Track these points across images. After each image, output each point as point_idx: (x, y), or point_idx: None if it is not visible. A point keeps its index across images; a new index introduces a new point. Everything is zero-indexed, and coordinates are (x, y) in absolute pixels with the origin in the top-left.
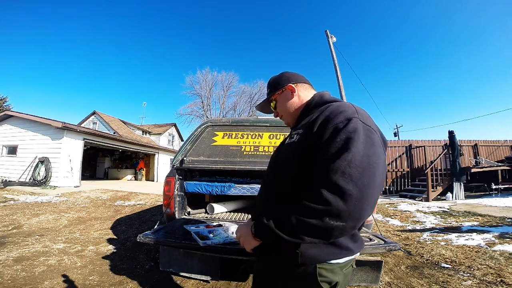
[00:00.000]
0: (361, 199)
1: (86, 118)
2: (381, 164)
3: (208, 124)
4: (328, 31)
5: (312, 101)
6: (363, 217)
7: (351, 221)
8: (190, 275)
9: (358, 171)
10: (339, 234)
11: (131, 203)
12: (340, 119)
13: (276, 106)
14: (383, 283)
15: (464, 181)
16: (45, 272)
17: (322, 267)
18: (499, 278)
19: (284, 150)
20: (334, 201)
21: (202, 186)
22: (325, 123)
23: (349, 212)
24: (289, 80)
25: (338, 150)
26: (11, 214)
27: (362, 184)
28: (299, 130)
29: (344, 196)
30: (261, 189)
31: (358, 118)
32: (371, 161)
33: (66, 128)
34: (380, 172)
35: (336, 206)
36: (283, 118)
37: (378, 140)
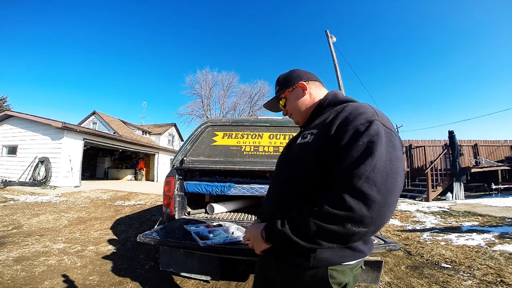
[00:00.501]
0: (384, 205)
1: (86, 118)
2: (402, 168)
3: (208, 124)
4: (328, 31)
5: (325, 100)
6: (384, 223)
7: (373, 226)
8: (190, 275)
9: (382, 177)
10: (359, 239)
11: (131, 203)
12: (361, 121)
13: (286, 104)
14: (383, 283)
15: (464, 181)
16: (45, 272)
17: (333, 268)
18: (499, 278)
19: (296, 150)
20: (357, 207)
21: (202, 186)
22: (344, 124)
23: (372, 218)
24: (300, 78)
25: (361, 154)
26: (11, 214)
27: (385, 189)
28: (313, 130)
29: (368, 202)
30: (269, 189)
31: (379, 121)
32: (393, 166)
33: (66, 128)
34: (401, 177)
35: (360, 213)
36: (293, 116)
37: (399, 144)
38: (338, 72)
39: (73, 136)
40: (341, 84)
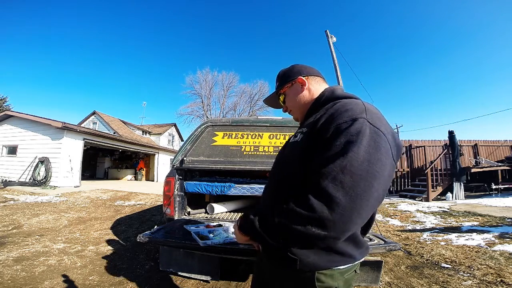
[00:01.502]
0: (350, 209)
1: (86, 118)
2: (384, 173)
3: (208, 124)
4: (328, 31)
5: (322, 97)
6: (349, 230)
7: (334, 231)
8: (190, 275)
9: (352, 179)
10: (321, 243)
11: (131, 203)
12: (344, 119)
13: (285, 100)
14: (383, 283)
15: (464, 181)
16: (45, 272)
17: (321, 272)
18: (499, 278)
19: (288, 150)
20: (319, 208)
21: (202, 186)
22: (327, 122)
23: (334, 222)
24: (300, 73)
25: (334, 154)
26: (11, 214)
27: (354, 193)
28: (304, 129)
29: (330, 204)
30: (265, 189)
31: (365, 119)
32: (371, 169)
33: (66, 128)
34: (381, 182)
35: (320, 214)
36: (292, 113)
37: (386, 146)
38: (338, 72)
39: (73, 136)
40: (341, 84)
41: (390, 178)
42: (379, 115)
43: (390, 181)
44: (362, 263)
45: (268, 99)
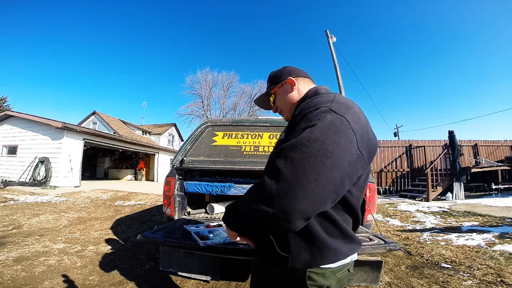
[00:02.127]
0: (295, 185)
1: (86, 118)
2: (341, 156)
3: (208, 124)
4: (328, 31)
5: (306, 96)
6: (295, 208)
7: (281, 210)
8: (190, 275)
9: (302, 156)
10: (273, 225)
11: (131, 203)
12: (310, 108)
13: (275, 101)
14: (383, 283)
15: (464, 181)
16: (45, 272)
17: (312, 271)
18: (499, 278)
19: (274, 148)
20: (268, 183)
21: (202, 186)
22: (297, 114)
23: (279, 195)
24: (290, 74)
25: (294, 136)
26: (11, 214)
27: (302, 169)
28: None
29: (278, 178)
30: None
31: (327, 107)
32: (323, 148)
33: (66, 128)
34: (337, 164)
35: (269, 188)
36: (282, 113)
37: (348, 132)
38: (338, 72)
39: (73, 136)
40: (341, 84)
41: (352, 166)
42: (348, 106)
43: (355, 170)
44: (362, 263)
45: (258, 100)
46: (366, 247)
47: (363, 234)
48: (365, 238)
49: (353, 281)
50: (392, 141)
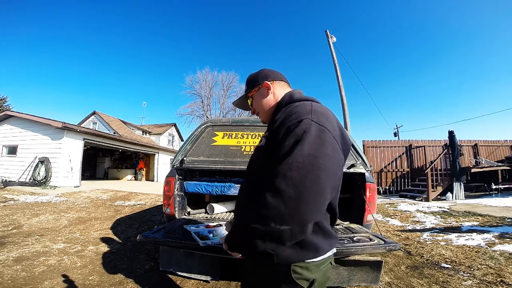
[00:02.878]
0: (301, 202)
1: (86, 118)
2: (331, 166)
3: (208, 124)
4: (328, 31)
5: (282, 101)
6: (307, 220)
7: (296, 224)
8: (190, 275)
9: (299, 173)
10: (290, 238)
11: (131, 203)
12: (292, 121)
13: (252, 103)
14: (383, 283)
15: (464, 181)
16: (45, 272)
17: (297, 265)
18: (499, 278)
19: (255, 154)
20: (274, 204)
21: (202, 186)
22: (279, 126)
23: (291, 214)
24: (266, 77)
25: (284, 153)
26: (11, 214)
27: (304, 186)
28: (266, 133)
29: (284, 198)
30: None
31: (309, 119)
32: (316, 163)
33: (66, 128)
34: (329, 174)
35: (278, 209)
36: (260, 116)
37: (333, 141)
38: (338, 72)
39: (73, 136)
40: (341, 84)
41: (339, 170)
42: (326, 115)
43: (340, 172)
44: (362, 263)
45: (237, 102)
46: (366, 247)
47: (363, 234)
48: (365, 238)
49: (353, 281)
50: (392, 141)
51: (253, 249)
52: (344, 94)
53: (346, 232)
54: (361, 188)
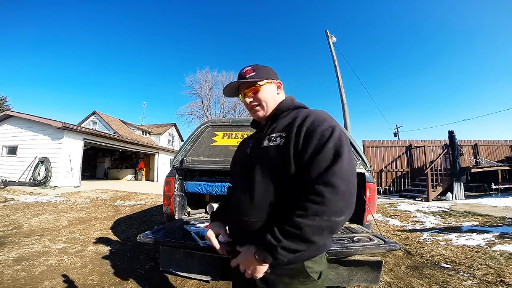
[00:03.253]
0: (351, 195)
1: (86, 118)
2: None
3: (208, 124)
4: (328, 31)
5: (285, 103)
6: (353, 210)
7: (348, 214)
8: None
9: (348, 173)
10: (339, 228)
11: (131, 203)
12: (325, 126)
13: (258, 94)
14: (383, 283)
15: (464, 181)
16: (45, 272)
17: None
18: (499, 278)
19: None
20: (335, 200)
21: (202, 186)
22: (312, 130)
23: (346, 206)
24: (277, 76)
25: (332, 156)
26: (11, 214)
27: (351, 183)
28: (281, 133)
29: (340, 194)
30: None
31: (338, 126)
32: (351, 163)
33: (66, 128)
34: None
35: (338, 204)
36: (258, 108)
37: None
38: (338, 72)
39: (73, 136)
40: (341, 84)
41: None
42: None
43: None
44: (362, 263)
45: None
46: (366, 247)
47: (363, 234)
48: (365, 238)
49: (353, 281)
50: (392, 141)
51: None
52: (344, 94)
53: (346, 232)
54: (361, 188)
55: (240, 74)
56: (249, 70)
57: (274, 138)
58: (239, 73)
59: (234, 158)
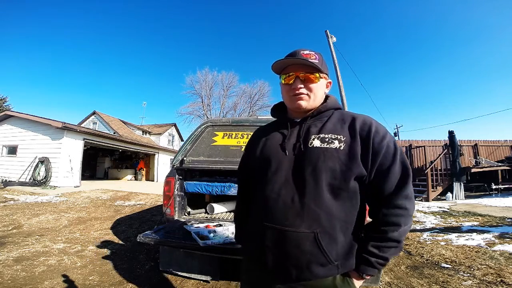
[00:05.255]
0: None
1: (86, 118)
2: None
3: (208, 124)
4: (328, 31)
5: (331, 102)
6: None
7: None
8: (190, 275)
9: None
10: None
11: (131, 203)
12: (389, 137)
13: (313, 85)
14: (383, 283)
15: (464, 181)
16: (45, 272)
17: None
18: (499, 278)
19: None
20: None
21: (202, 186)
22: (379, 138)
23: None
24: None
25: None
26: (11, 214)
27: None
28: (339, 136)
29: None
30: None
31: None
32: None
33: (66, 128)
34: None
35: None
36: (308, 98)
37: None
38: (338, 72)
39: (73, 136)
40: (341, 84)
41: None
42: None
43: None
44: None
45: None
46: None
47: None
48: None
49: None
50: None
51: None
52: (344, 94)
53: None
54: None
55: (300, 54)
56: (313, 55)
57: (329, 140)
58: (298, 52)
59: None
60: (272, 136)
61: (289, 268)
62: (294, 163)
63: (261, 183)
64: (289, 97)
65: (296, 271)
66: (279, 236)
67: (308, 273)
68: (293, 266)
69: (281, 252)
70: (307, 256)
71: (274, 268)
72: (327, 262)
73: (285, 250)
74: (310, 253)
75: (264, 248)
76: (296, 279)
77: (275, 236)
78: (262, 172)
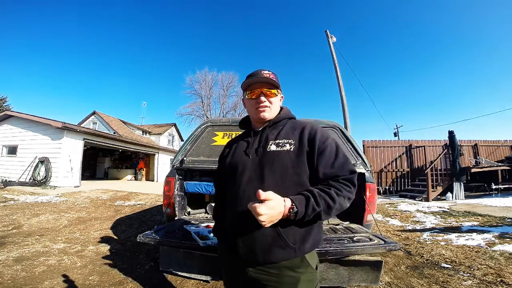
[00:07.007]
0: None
1: (86, 118)
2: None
3: (208, 124)
4: (328, 31)
5: (285, 113)
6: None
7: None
8: (190, 275)
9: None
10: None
11: (131, 203)
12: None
13: (274, 97)
14: (383, 283)
15: (464, 181)
16: (45, 272)
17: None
18: (499, 278)
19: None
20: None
21: (202, 186)
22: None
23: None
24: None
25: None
26: (11, 214)
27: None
28: (290, 140)
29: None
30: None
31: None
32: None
33: (66, 128)
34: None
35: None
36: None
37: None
38: (338, 73)
39: (73, 136)
40: (341, 84)
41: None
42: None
43: None
44: (362, 263)
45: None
46: (366, 247)
47: (363, 234)
48: (365, 238)
49: (353, 281)
50: (392, 141)
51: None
52: (344, 94)
53: (346, 232)
54: (361, 188)
55: (263, 74)
56: (271, 74)
57: (282, 144)
58: (260, 72)
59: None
60: (240, 144)
61: (256, 252)
62: (256, 164)
63: (231, 183)
64: (254, 109)
65: (262, 254)
66: (247, 224)
67: (272, 256)
68: (259, 249)
69: (249, 238)
70: (269, 239)
71: (244, 253)
72: (285, 245)
73: (252, 235)
74: (271, 237)
75: (235, 234)
76: (263, 261)
77: (243, 223)
78: (232, 175)
